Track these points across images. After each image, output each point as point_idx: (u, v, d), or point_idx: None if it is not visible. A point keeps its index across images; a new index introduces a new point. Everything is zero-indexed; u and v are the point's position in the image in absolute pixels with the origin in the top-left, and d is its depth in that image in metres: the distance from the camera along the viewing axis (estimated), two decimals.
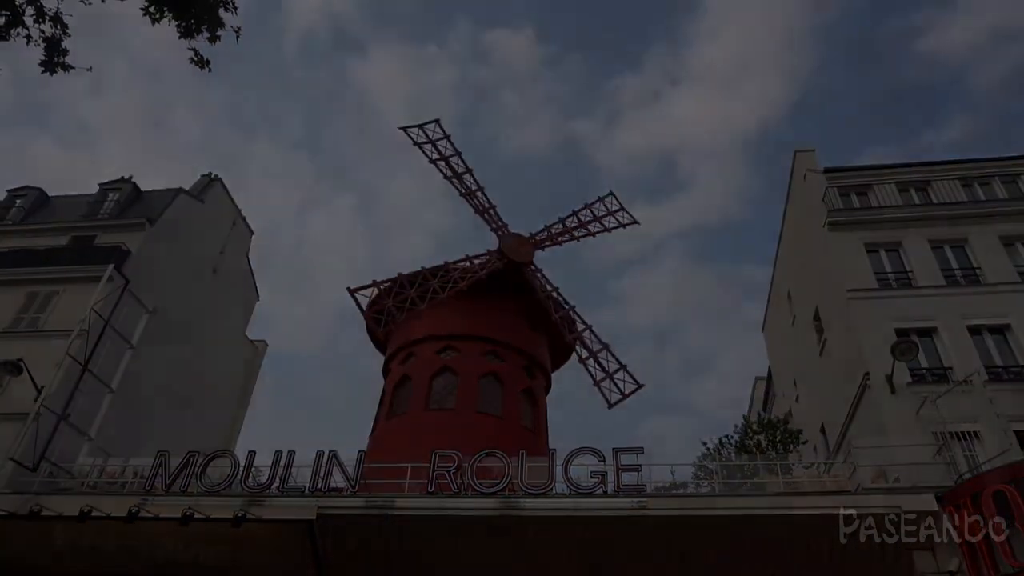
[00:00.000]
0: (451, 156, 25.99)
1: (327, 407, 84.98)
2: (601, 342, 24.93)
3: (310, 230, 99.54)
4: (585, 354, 24.55)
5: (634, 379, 24.40)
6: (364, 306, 22.59)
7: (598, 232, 27.43)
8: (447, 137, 26.16)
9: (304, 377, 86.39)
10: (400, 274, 23.17)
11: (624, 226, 28.01)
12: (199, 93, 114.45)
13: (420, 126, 26.04)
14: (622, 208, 28.11)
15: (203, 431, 24.84)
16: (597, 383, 24.08)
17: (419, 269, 23.43)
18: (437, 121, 26.38)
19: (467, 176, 25.96)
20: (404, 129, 25.78)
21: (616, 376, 24.30)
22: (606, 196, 28.11)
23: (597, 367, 24.42)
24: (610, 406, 23.90)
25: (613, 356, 24.70)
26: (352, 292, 22.40)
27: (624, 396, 24.11)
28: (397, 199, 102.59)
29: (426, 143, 25.86)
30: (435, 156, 25.80)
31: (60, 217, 25.48)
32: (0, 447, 16.26)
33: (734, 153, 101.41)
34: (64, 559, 13.96)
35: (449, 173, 25.78)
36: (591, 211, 27.52)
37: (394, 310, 22.36)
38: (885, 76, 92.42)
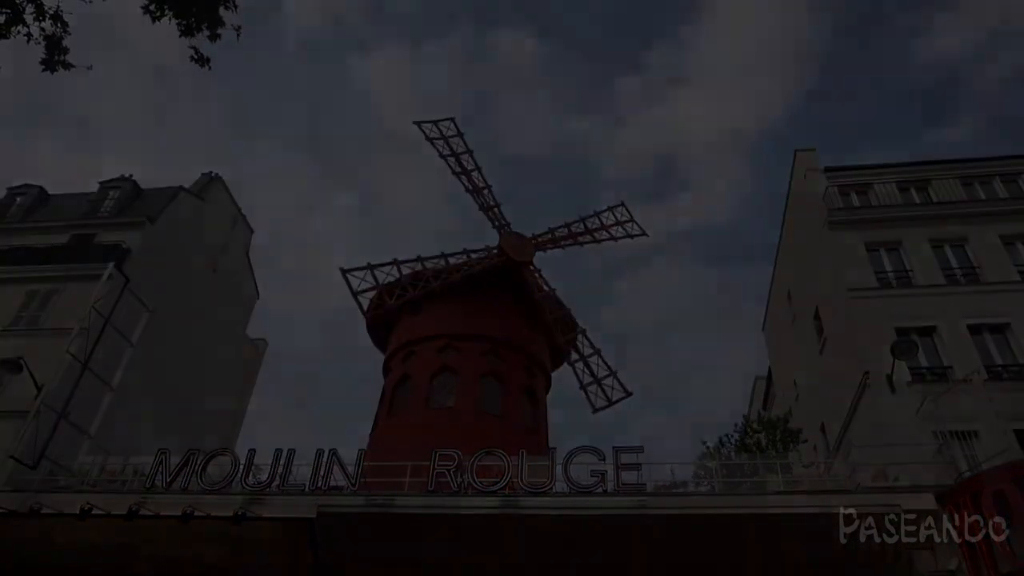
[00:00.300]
0: (462, 153, 26.23)
1: (327, 406, 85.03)
2: (593, 347, 25.06)
3: (310, 229, 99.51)
4: (575, 357, 24.60)
5: (623, 387, 24.57)
6: (356, 289, 22.73)
7: (604, 240, 27.43)
8: (460, 135, 26.44)
9: (304, 376, 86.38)
10: (396, 259, 23.24)
11: (632, 236, 27.97)
12: (200, 92, 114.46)
13: (435, 122, 26.33)
14: (631, 219, 28.13)
15: (203, 429, 24.88)
16: (584, 387, 24.25)
17: (415, 257, 23.55)
18: (452, 119, 26.72)
19: (475, 173, 26.15)
20: (419, 124, 26.02)
21: (604, 382, 24.47)
22: (616, 206, 28.12)
23: (586, 371, 24.51)
24: (595, 411, 24.13)
25: (604, 362, 24.87)
26: (345, 273, 22.49)
27: (610, 403, 24.26)
28: (398, 199, 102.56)
29: (439, 139, 26.13)
30: (446, 152, 26.04)
31: (60, 215, 25.50)
32: (0, 445, 16.26)
33: (735, 153, 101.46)
34: (64, 557, 13.96)
35: (458, 169, 26.01)
36: (599, 219, 27.57)
37: (387, 296, 22.39)
38: (886, 76, 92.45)
